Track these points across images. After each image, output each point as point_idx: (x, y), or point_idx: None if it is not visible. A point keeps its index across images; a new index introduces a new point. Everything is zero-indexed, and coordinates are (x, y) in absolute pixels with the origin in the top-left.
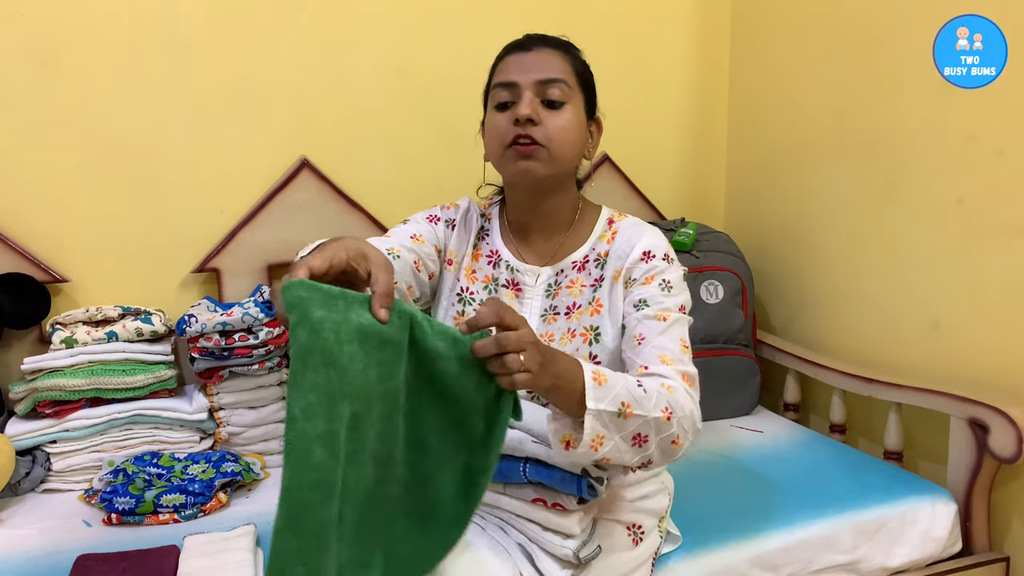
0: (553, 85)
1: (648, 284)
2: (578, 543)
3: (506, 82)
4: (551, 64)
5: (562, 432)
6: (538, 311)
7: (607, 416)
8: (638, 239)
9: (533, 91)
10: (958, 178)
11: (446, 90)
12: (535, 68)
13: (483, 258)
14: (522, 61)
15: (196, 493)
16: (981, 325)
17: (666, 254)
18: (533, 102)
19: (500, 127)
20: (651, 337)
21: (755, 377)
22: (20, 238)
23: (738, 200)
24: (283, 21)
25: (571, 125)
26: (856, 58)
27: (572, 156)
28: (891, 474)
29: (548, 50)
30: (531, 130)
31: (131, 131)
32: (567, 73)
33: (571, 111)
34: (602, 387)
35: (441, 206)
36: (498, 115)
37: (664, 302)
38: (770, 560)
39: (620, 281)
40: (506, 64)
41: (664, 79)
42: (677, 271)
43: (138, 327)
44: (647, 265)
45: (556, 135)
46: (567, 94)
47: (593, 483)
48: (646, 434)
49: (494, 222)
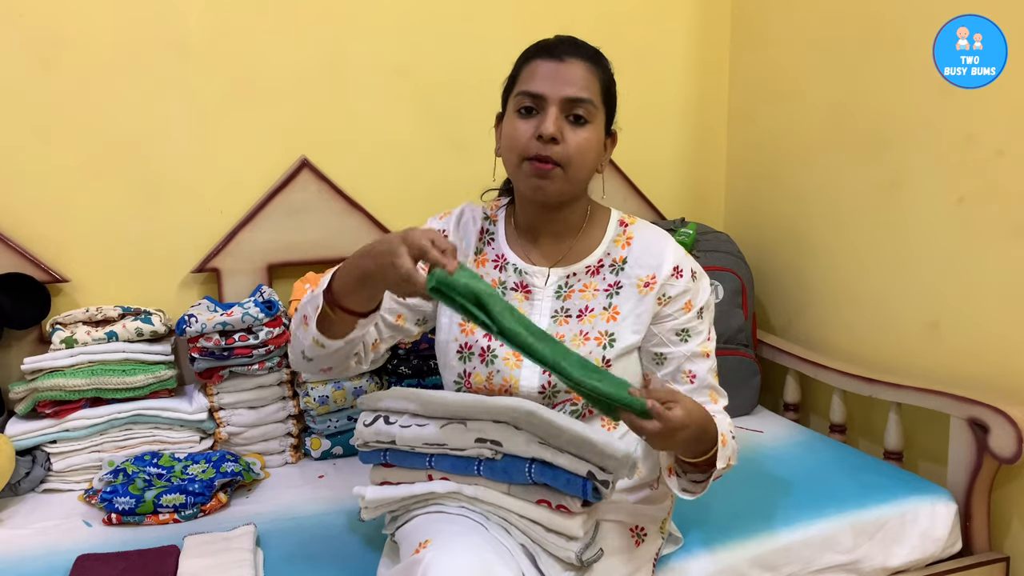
0: (580, 105)
1: (688, 311)
2: (581, 546)
3: (533, 92)
4: (581, 80)
5: (681, 484)
6: (548, 312)
7: (720, 471)
8: (662, 250)
9: (559, 107)
10: (958, 178)
11: (446, 90)
12: (565, 83)
13: (489, 262)
14: (553, 72)
15: (196, 493)
16: (981, 325)
17: (692, 270)
18: (558, 120)
19: (520, 137)
20: (701, 375)
21: (755, 377)
22: (20, 238)
23: (738, 200)
24: (283, 21)
25: (591, 145)
26: (856, 58)
27: (587, 174)
28: (891, 474)
29: (579, 62)
30: (552, 149)
31: (131, 131)
32: (595, 91)
33: (592, 130)
34: (724, 448)
35: (435, 217)
36: (519, 122)
37: (703, 331)
38: (770, 560)
39: (653, 295)
40: (535, 70)
41: (664, 79)
42: (705, 287)
43: (138, 327)
44: (681, 284)
45: (575, 155)
46: (591, 113)
47: (598, 486)
48: (720, 476)
49: (500, 225)
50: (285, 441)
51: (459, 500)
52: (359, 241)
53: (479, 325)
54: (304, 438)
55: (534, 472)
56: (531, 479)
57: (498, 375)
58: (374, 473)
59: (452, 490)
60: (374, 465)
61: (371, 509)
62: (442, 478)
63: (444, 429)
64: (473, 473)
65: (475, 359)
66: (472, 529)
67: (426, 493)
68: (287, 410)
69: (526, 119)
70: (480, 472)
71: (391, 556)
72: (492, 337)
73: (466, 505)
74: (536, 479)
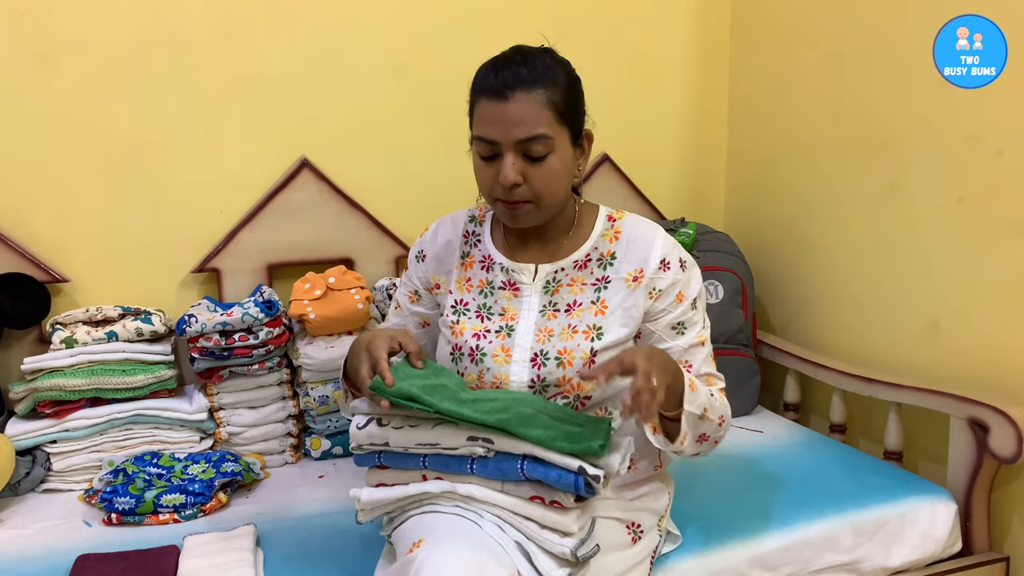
0: (535, 142)
1: (680, 303)
2: (576, 541)
3: (486, 138)
4: (530, 115)
5: (661, 441)
6: (536, 307)
7: (693, 417)
8: (650, 243)
9: (514, 151)
10: (958, 178)
11: (446, 90)
12: (514, 124)
13: (476, 264)
14: (500, 113)
15: (196, 493)
16: (981, 325)
17: (680, 259)
18: (516, 163)
19: (486, 181)
20: (698, 365)
21: (755, 377)
22: (20, 238)
23: (738, 200)
24: (283, 21)
25: (556, 173)
26: (856, 58)
27: (563, 194)
28: (891, 474)
29: (524, 96)
30: (516, 193)
31: (131, 131)
32: (547, 120)
33: (555, 158)
34: (693, 392)
35: (419, 239)
36: (483, 165)
37: (697, 322)
38: (770, 560)
39: (643, 289)
40: (484, 114)
41: (664, 79)
42: (696, 277)
43: (138, 327)
44: (670, 276)
45: (543, 188)
46: (550, 144)
47: (591, 481)
48: (708, 434)
49: (486, 225)
50: (285, 441)
51: (453, 499)
52: (359, 241)
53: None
54: (304, 438)
55: (526, 468)
56: (523, 475)
57: (488, 373)
58: (369, 475)
59: (446, 489)
60: (369, 467)
61: (367, 511)
62: (436, 478)
63: (436, 429)
64: (466, 471)
65: (466, 359)
66: (466, 528)
67: (420, 493)
68: (287, 410)
69: (488, 162)
70: (473, 470)
71: (388, 558)
72: (480, 337)
73: (461, 504)
74: (528, 475)
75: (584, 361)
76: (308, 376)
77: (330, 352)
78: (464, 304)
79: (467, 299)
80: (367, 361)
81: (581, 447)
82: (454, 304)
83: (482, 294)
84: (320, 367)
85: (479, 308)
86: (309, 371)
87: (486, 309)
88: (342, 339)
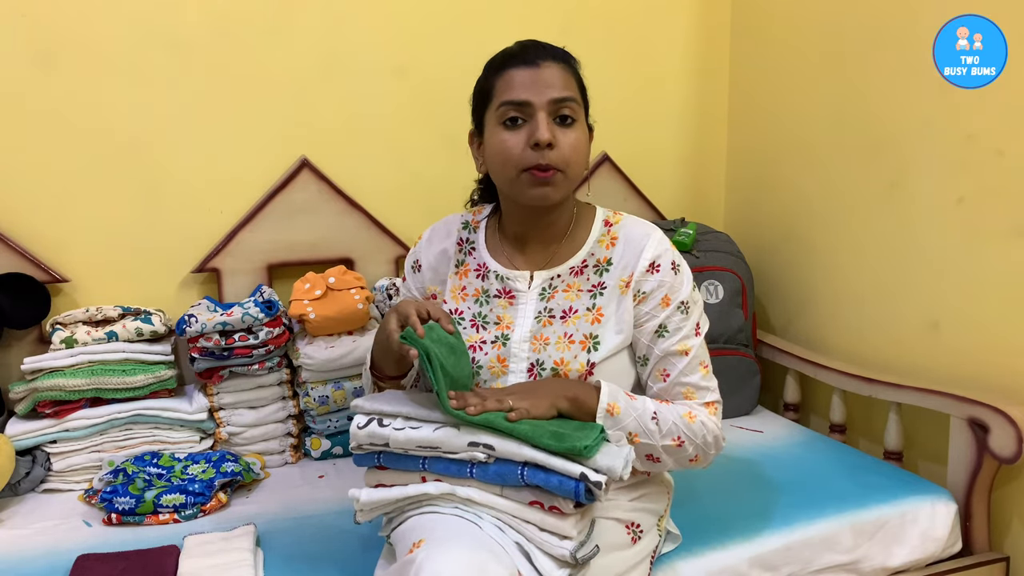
0: (566, 104)
1: (665, 307)
2: (575, 544)
3: (518, 101)
4: (561, 80)
5: None
6: (532, 314)
7: (617, 436)
8: (642, 246)
9: (547, 111)
10: (958, 178)
11: (446, 90)
12: (548, 86)
13: (471, 272)
14: (532, 78)
15: (196, 493)
16: (981, 325)
17: (673, 262)
18: (551, 125)
19: (514, 150)
20: (675, 375)
21: (755, 377)
22: (20, 238)
23: (738, 200)
24: (283, 21)
25: (583, 143)
26: (856, 58)
27: (583, 172)
28: (891, 474)
29: (554, 64)
30: (549, 156)
31: (131, 131)
32: (574, 88)
33: (580, 129)
34: (613, 418)
35: (413, 248)
36: (508, 134)
37: (683, 328)
38: (770, 560)
39: (629, 293)
40: (512, 80)
41: (664, 79)
42: (687, 281)
43: (138, 327)
44: (656, 278)
45: (572, 156)
46: (576, 111)
47: (591, 487)
48: (657, 456)
49: (480, 233)
50: (285, 441)
51: (453, 501)
52: (359, 241)
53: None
54: (304, 438)
55: (527, 475)
56: (524, 482)
57: (485, 385)
58: (368, 476)
59: (446, 491)
60: (368, 468)
61: (366, 511)
62: (435, 480)
63: (437, 432)
64: (466, 475)
65: None
66: (466, 528)
67: (420, 494)
68: (287, 410)
69: (514, 130)
70: (473, 475)
71: (388, 559)
72: (476, 349)
73: (460, 506)
74: (529, 481)
75: (581, 373)
76: (308, 376)
77: (330, 352)
78: (459, 314)
79: (462, 308)
80: (397, 319)
81: (567, 446)
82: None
83: (477, 303)
84: (320, 367)
85: (474, 317)
86: (309, 371)
87: (481, 318)
88: (342, 339)
